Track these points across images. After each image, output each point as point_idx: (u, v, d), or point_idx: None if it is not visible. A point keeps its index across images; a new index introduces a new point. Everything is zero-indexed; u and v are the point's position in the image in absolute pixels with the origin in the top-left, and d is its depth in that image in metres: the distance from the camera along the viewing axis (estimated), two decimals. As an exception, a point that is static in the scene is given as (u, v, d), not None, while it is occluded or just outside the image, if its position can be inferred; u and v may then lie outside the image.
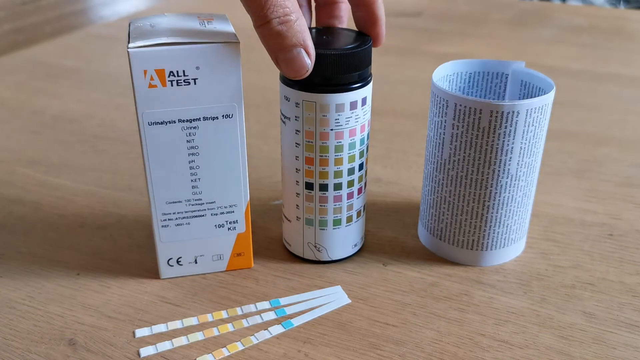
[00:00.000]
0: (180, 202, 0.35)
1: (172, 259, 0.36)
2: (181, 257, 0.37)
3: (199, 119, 0.33)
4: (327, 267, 0.38)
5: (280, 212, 0.44)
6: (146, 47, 0.30)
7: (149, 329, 0.33)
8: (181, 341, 0.32)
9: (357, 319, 0.34)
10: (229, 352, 0.32)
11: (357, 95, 0.33)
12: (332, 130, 0.34)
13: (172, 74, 0.31)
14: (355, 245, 0.38)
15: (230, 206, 0.36)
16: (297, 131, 0.34)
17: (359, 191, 0.36)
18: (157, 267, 0.37)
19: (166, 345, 0.32)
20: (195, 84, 0.32)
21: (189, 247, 0.36)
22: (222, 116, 0.33)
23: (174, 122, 0.33)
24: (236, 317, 0.34)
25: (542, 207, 0.44)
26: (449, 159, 0.36)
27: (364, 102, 0.34)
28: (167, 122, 0.32)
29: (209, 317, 0.34)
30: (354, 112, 0.33)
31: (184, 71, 0.31)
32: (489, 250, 0.37)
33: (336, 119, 0.33)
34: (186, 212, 0.35)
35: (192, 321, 0.34)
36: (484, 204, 0.36)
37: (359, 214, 0.37)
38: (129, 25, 0.34)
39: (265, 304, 0.35)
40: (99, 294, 0.36)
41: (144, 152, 0.33)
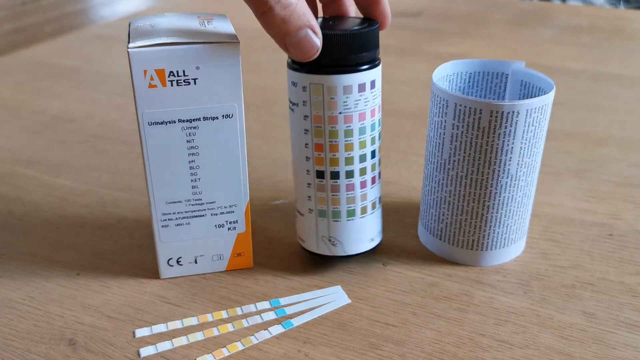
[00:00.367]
0: (180, 202, 0.35)
1: (172, 259, 0.36)
2: (181, 257, 0.37)
3: (199, 119, 0.33)
4: (327, 267, 0.38)
5: (280, 212, 0.44)
6: (146, 47, 0.30)
7: (149, 329, 0.33)
8: (181, 341, 0.32)
9: (357, 319, 0.34)
10: (229, 352, 0.32)
11: (365, 77, 0.33)
12: (340, 113, 0.33)
13: (172, 74, 0.31)
14: (372, 239, 0.37)
15: (230, 206, 0.36)
16: (305, 117, 0.33)
17: (373, 180, 0.35)
18: (157, 267, 0.37)
19: (166, 345, 0.32)
20: (195, 84, 0.32)
21: (189, 247, 0.36)
22: (222, 116, 0.33)
23: (174, 122, 0.33)
24: (236, 317, 0.34)
25: (542, 207, 0.44)
26: (449, 159, 0.36)
27: (372, 85, 0.33)
28: (167, 122, 0.32)
29: (209, 317, 0.34)
30: (362, 95, 0.33)
31: (184, 71, 0.31)
32: (489, 250, 0.37)
33: (344, 102, 0.32)
34: (186, 212, 0.35)
35: (192, 321, 0.34)
36: (484, 204, 0.36)
37: (374, 206, 0.36)
38: (129, 25, 0.34)
39: (265, 304, 0.35)
40: (99, 294, 0.36)
41: (144, 152, 0.33)
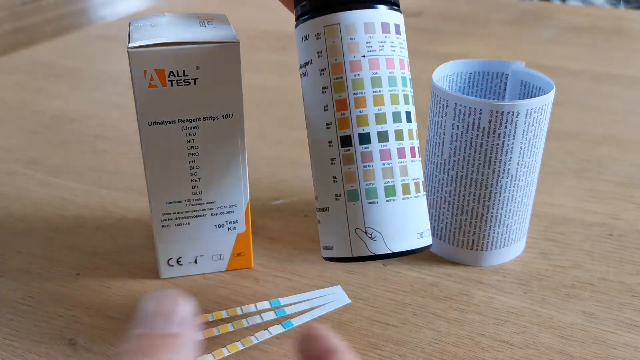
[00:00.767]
0: (180, 202, 0.35)
1: (172, 259, 0.36)
2: (181, 257, 0.37)
3: (199, 119, 0.33)
4: (327, 266, 0.38)
5: (280, 212, 0.44)
6: (146, 47, 0.30)
7: (149, 329, 0.33)
8: (181, 341, 0.32)
9: (357, 319, 0.34)
10: (229, 352, 0.32)
11: (388, 16, 0.28)
12: (364, 57, 0.27)
13: (172, 74, 0.31)
14: (421, 234, 0.29)
15: (230, 206, 0.36)
16: (322, 71, 0.28)
17: (412, 152, 0.28)
18: (157, 267, 0.37)
19: (166, 345, 0.32)
20: (195, 84, 0.32)
21: (189, 247, 0.36)
22: (222, 116, 0.33)
23: (174, 122, 0.32)
24: (236, 317, 0.34)
25: (542, 207, 0.44)
26: (449, 159, 0.36)
27: (397, 30, 0.28)
28: (167, 122, 0.32)
29: (209, 317, 0.34)
30: (387, 37, 0.27)
31: (184, 71, 0.31)
32: (489, 250, 0.37)
33: (367, 42, 0.27)
34: (186, 212, 0.35)
35: (192, 321, 0.34)
36: (484, 204, 0.36)
37: (417, 187, 0.29)
38: (129, 25, 0.34)
39: (265, 304, 0.35)
40: (99, 294, 0.36)
41: (143, 152, 0.33)
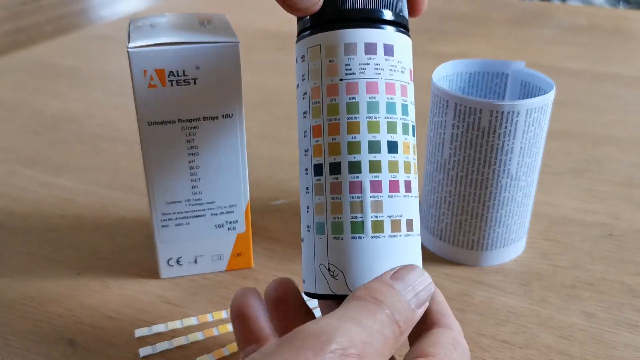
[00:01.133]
0: (180, 202, 0.35)
1: (172, 259, 0.36)
2: (181, 257, 0.37)
3: (199, 119, 0.33)
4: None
5: (280, 212, 0.44)
6: (146, 47, 0.30)
7: (148, 329, 0.33)
8: (181, 341, 0.32)
9: (357, 319, 0.34)
10: (229, 352, 0.32)
11: (375, 35, 0.24)
12: (342, 80, 0.24)
13: (172, 74, 0.31)
14: None
15: (230, 206, 0.35)
16: (304, 95, 0.26)
17: (394, 186, 0.24)
18: (157, 267, 0.37)
19: (166, 345, 0.32)
20: (195, 84, 0.32)
21: (189, 247, 0.36)
22: (222, 116, 0.33)
23: (174, 122, 0.32)
24: (236, 317, 0.34)
25: (542, 207, 0.44)
26: (449, 159, 0.36)
27: (388, 51, 0.25)
28: (166, 122, 0.32)
29: (209, 317, 0.34)
30: (372, 59, 0.24)
31: (184, 71, 0.31)
32: (489, 250, 0.37)
33: (347, 65, 0.24)
34: (186, 212, 0.35)
35: (192, 321, 0.34)
36: (484, 204, 0.36)
37: (395, 226, 0.24)
38: (129, 25, 0.34)
39: (265, 304, 0.35)
40: (99, 294, 0.36)
41: (143, 152, 0.33)
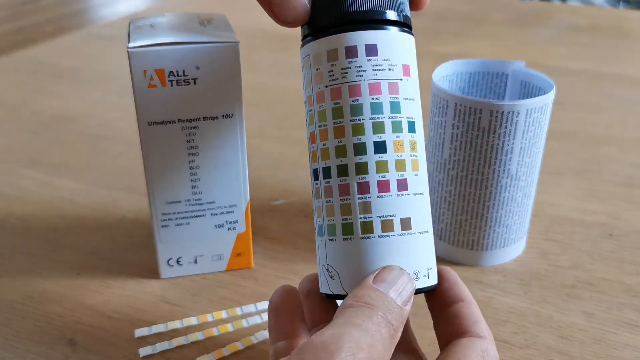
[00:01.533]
0: (180, 202, 0.35)
1: (172, 259, 0.36)
2: (181, 257, 0.37)
3: (199, 119, 0.33)
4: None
5: (280, 212, 0.44)
6: (146, 47, 0.30)
7: (148, 329, 0.33)
8: (181, 341, 0.32)
9: (357, 319, 0.34)
10: (229, 352, 0.32)
11: (354, 38, 0.25)
12: (327, 87, 0.25)
13: (172, 74, 0.31)
14: None
15: (230, 206, 0.35)
16: (304, 103, 0.27)
17: (383, 186, 0.25)
18: (157, 267, 0.37)
19: (166, 345, 0.32)
20: (195, 84, 0.32)
21: (189, 247, 0.36)
22: (222, 116, 0.33)
23: (174, 122, 0.32)
24: (236, 317, 0.34)
25: (542, 207, 0.44)
26: (449, 159, 0.36)
27: (371, 51, 0.25)
28: (166, 122, 0.32)
29: (209, 317, 0.34)
30: (353, 62, 0.25)
31: (184, 71, 0.31)
32: (489, 250, 0.37)
33: (330, 71, 0.25)
34: (186, 212, 0.35)
35: (192, 321, 0.34)
36: (484, 204, 0.36)
37: (387, 226, 0.25)
38: (129, 25, 0.34)
39: (265, 304, 0.35)
40: (99, 294, 0.36)
41: (143, 152, 0.33)
